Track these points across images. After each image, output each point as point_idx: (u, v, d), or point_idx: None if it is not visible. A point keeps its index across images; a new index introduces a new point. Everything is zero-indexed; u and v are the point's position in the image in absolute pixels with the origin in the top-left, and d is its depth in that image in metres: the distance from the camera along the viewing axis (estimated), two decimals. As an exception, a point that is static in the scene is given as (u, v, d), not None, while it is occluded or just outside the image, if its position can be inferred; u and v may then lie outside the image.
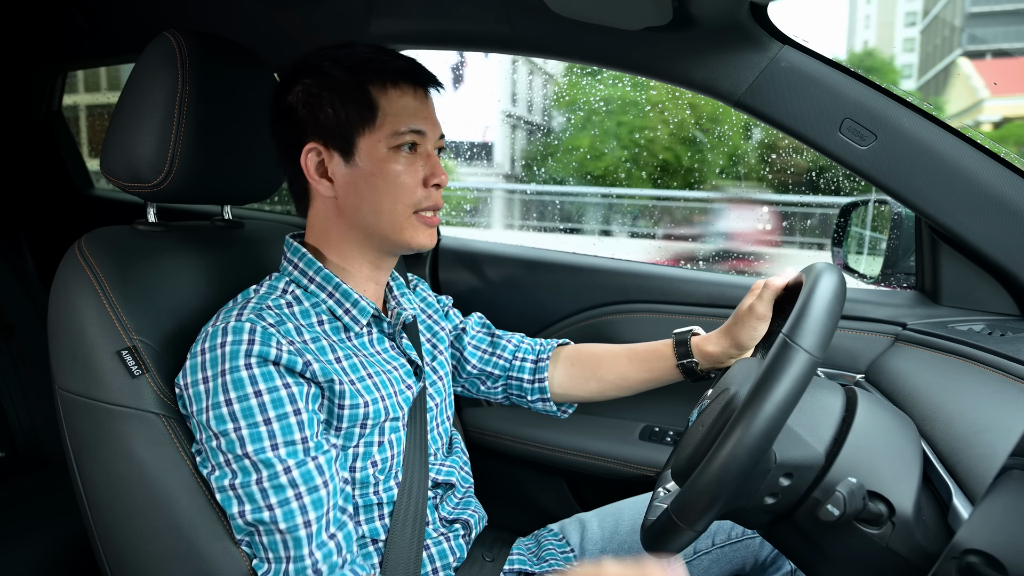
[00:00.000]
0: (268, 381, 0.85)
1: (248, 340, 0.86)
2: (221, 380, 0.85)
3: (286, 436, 0.85)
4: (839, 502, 0.71)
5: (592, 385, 1.21)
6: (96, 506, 0.95)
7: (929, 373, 1.07)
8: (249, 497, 0.84)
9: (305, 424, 0.87)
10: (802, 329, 0.73)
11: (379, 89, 0.94)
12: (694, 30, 1.17)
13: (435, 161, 0.97)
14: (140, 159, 1.00)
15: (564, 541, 1.21)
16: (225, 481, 0.85)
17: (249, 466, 0.84)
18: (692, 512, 0.73)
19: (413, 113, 0.95)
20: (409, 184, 0.95)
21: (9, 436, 1.87)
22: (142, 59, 1.02)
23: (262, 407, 0.84)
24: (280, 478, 0.84)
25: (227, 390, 0.84)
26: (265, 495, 0.84)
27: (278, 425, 0.85)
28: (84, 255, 0.97)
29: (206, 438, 0.87)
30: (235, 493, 0.85)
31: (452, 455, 1.15)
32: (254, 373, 0.85)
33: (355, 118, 0.93)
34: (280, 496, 0.84)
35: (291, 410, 0.86)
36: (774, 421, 0.70)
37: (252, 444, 0.84)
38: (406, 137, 0.94)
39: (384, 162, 0.94)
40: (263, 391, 0.85)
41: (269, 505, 0.84)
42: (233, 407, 0.84)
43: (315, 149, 0.96)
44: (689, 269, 1.60)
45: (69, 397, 0.94)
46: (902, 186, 1.17)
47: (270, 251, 1.21)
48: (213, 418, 0.85)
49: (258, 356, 0.85)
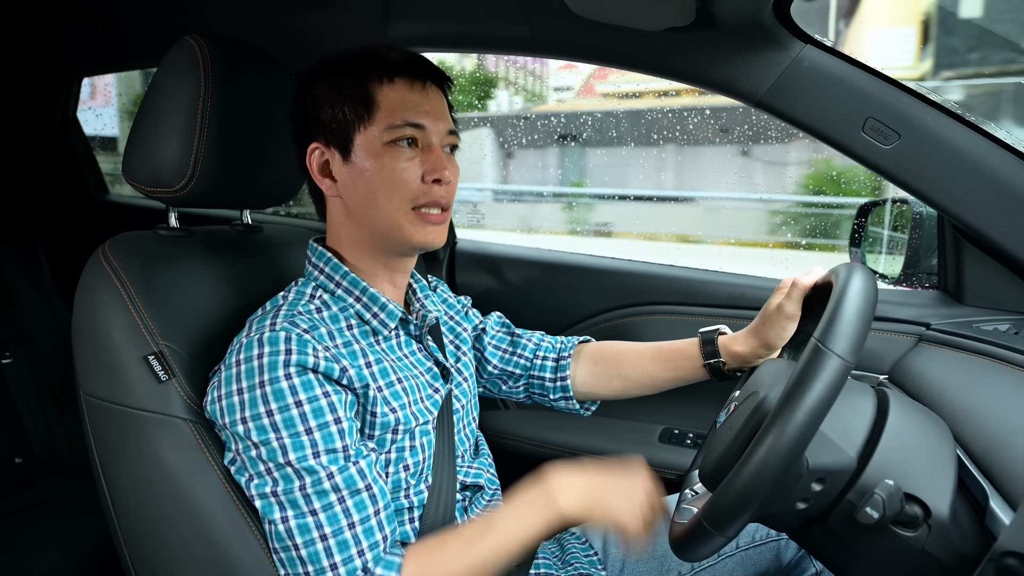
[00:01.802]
0: (308, 390, 0.85)
1: (285, 350, 0.86)
2: (260, 391, 0.84)
3: (327, 444, 0.85)
4: (878, 505, 0.70)
5: (616, 384, 1.20)
6: (123, 512, 0.95)
7: (956, 374, 1.07)
8: (292, 503, 0.84)
9: (346, 432, 0.87)
10: (834, 333, 0.72)
11: (376, 84, 0.94)
12: (716, 30, 1.17)
13: (437, 156, 0.95)
14: (163, 164, 1.00)
15: (587, 544, 1.20)
16: (267, 488, 0.85)
17: (292, 473, 0.84)
18: (724, 518, 0.72)
19: (411, 107, 0.93)
20: (406, 179, 0.93)
21: (26, 442, 1.88)
22: (164, 64, 1.03)
23: (303, 417, 0.84)
24: (324, 483, 0.84)
25: (267, 401, 0.84)
26: (308, 500, 0.84)
27: (319, 434, 0.85)
28: (109, 260, 0.97)
29: (243, 448, 0.86)
30: (277, 500, 0.85)
31: (479, 457, 1.14)
32: (294, 383, 0.85)
33: (352, 115, 0.94)
34: (323, 501, 0.84)
35: (332, 419, 0.86)
36: (807, 427, 0.69)
37: (295, 452, 0.84)
38: (403, 131, 0.93)
39: (380, 157, 0.93)
40: (303, 401, 0.85)
41: (313, 510, 0.84)
42: (274, 417, 0.84)
43: (318, 148, 0.97)
44: (707, 270, 1.59)
45: (95, 402, 0.94)
46: (926, 185, 1.16)
47: (289, 255, 1.22)
48: (254, 428, 0.84)
49: (297, 365, 0.85)
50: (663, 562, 1.14)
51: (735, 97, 1.24)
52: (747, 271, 1.58)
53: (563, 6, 1.12)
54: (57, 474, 1.89)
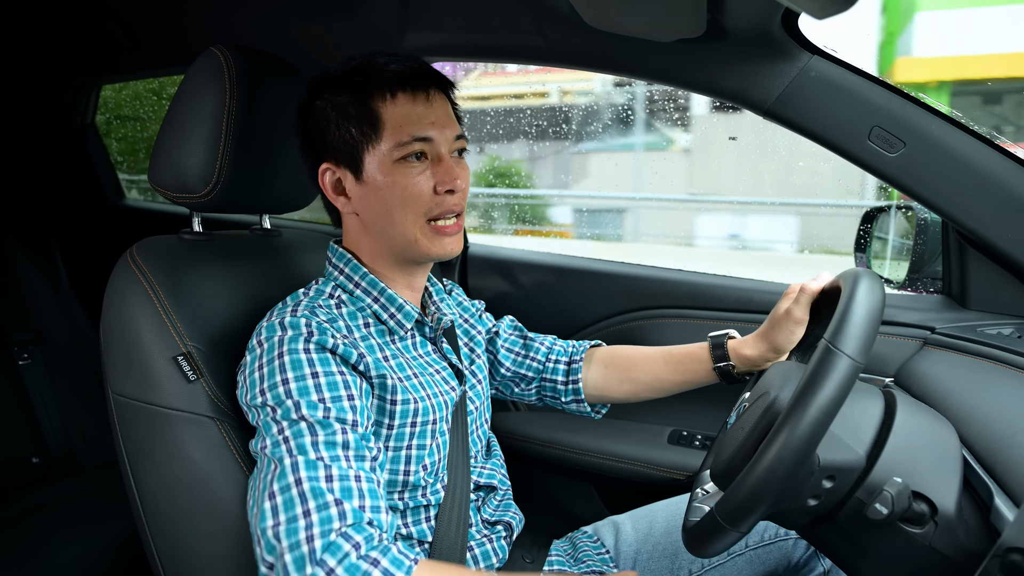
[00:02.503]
0: (325, 365, 0.87)
1: (307, 332, 0.88)
2: (279, 362, 0.86)
3: (340, 414, 0.86)
4: (887, 501, 0.72)
5: (626, 387, 1.23)
6: (151, 508, 0.97)
7: (960, 376, 1.09)
8: (300, 448, 0.82)
9: (358, 409, 0.88)
10: (844, 334, 0.74)
11: (380, 101, 0.94)
12: (726, 41, 1.20)
13: (447, 166, 0.96)
14: (189, 170, 1.03)
15: (599, 543, 1.22)
16: (279, 436, 0.84)
17: (305, 428, 0.83)
18: (737, 514, 0.75)
19: (416, 121, 0.94)
20: (418, 194, 0.94)
21: (42, 441, 1.90)
22: (190, 74, 1.06)
23: (318, 387, 0.86)
24: (336, 436, 0.84)
25: (284, 370, 0.86)
26: (316, 448, 0.82)
27: (333, 406, 0.86)
28: (137, 264, 1.00)
29: (263, 416, 0.87)
30: (287, 446, 0.82)
31: (491, 458, 1.17)
32: (312, 357, 0.87)
33: (359, 135, 0.94)
34: (331, 452, 0.83)
35: (345, 395, 0.87)
36: (819, 425, 0.71)
37: (308, 410, 0.84)
38: (412, 147, 0.93)
39: (391, 175, 0.94)
40: (320, 373, 0.87)
41: (320, 457, 0.82)
42: (290, 385, 0.85)
43: (329, 168, 0.98)
44: (716, 274, 1.61)
45: (124, 402, 0.97)
46: (931, 192, 1.19)
47: (308, 259, 1.25)
48: (271, 396, 0.86)
49: (316, 343, 0.88)
50: (674, 560, 1.16)
51: (744, 106, 1.26)
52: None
53: (576, 18, 1.15)
54: (73, 473, 1.91)
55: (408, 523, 0.98)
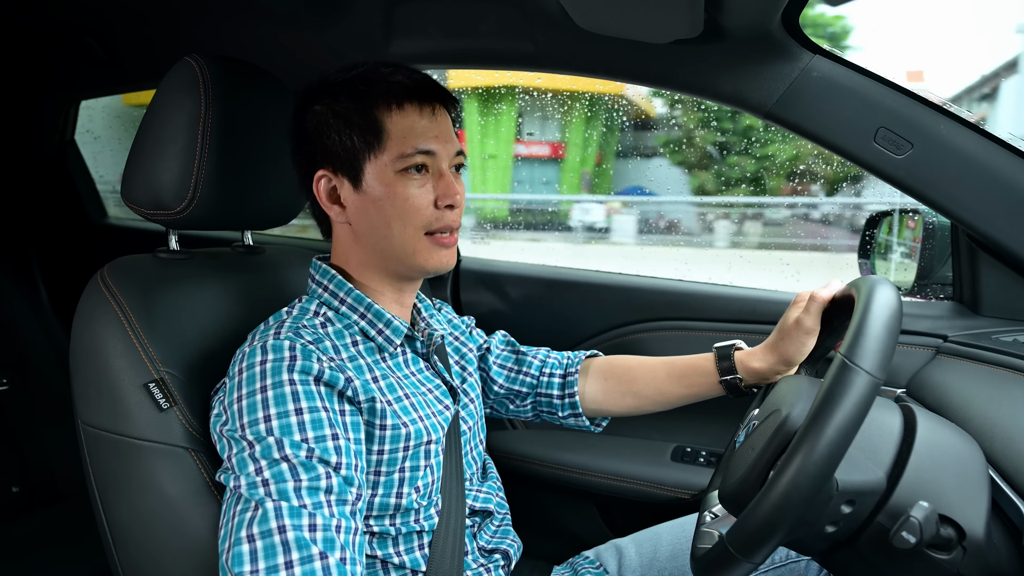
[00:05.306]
0: (310, 400, 0.82)
1: (290, 356, 0.83)
2: (261, 396, 0.81)
3: (324, 456, 0.80)
4: (915, 529, 0.67)
5: (628, 400, 1.18)
6: (122, 544, 0.92)
7: (978, 386, 1.04)
8: (282, 493, 0.77)
9: (342, 450, 0.82)
10: (862, 348, 0.69)
11: (385, 111, 0.92)
12: (724, 42, 1.16)
13: (448, 181, 0.94)
14: (163, 186, 0.98)
15: (602, 569, 1.17)
16: (258, 478, 0.78)
17: (287, 470, 0.78)
18: (750, 544, 0.69)
19: (420, 133, 0.92)
20: (419, 207, 0.92)
21: (24, 470, 1.85)
22: (164, 85, 1.01)
23: (301, 425, 0.80)
24: (320, 482, 0.79)
25: (267, 405, 0.80)
26: (299, 494, 0.77)
27: (317, 446, 0.80)
28: (107, 285, 0.95)
29: (237, 451, 0.81)
30: (267, 489, 0.77)
31: (487, 481, 1.11)
32: (297, 389, 0.82)
33: (361, 144, 0.92)
34: (314, 499, 0.78)
35: (329, 434, 0.82)
36: (837, 447, 0.66)
37: (292, 449, 0.79)
38: (414, 159, 0.91)
39: (392, 186, 0.91)
40: (304, 409, 0.81)
41: (304, 504, 0.77)
42: (272, 423, 0.80)
43: (325, 176, 0.95)
44: (717, 284, 1.57)
45: (94, 432, 0.91)
46: (940, 195, 1.15)
47: (292, 276, 1.19)
48: (251, 432, 0.80)
49: (301, 371, 0.82)
50: None
51: (744, 109, 1.22)
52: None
53: (568, 20, 1.11)
54: (55, 503, 1.85)
55: (400, 551, 0.93)
